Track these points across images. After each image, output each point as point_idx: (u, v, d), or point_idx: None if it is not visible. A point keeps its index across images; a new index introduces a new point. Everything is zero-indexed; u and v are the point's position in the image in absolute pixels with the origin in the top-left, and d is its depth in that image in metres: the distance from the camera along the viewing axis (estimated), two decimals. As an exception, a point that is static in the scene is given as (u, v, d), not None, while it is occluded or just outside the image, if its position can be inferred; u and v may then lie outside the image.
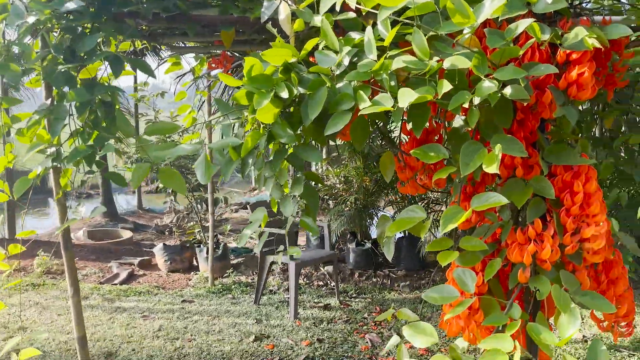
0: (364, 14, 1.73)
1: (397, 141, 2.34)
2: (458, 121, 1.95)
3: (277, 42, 1.77)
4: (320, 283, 5.41)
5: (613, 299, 1.91)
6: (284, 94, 1.67)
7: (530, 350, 1.90)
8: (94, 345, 3.81)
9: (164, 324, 4.21)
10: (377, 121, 2.12)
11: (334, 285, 5.16)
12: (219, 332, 4.04)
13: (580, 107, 3.22)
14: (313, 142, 1.93)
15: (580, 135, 3.26)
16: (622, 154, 3.40)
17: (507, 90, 1.55)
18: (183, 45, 3.40)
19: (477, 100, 1.53)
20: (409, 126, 1.76)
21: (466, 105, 1.59)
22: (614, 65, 1.98)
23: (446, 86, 1.50)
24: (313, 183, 2.05)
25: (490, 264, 1.79)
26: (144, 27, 2.53)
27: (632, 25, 1.94)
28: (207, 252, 5.60)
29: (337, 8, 1.76)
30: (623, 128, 3.37)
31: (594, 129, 3.38)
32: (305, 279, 5.51)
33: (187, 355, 3.63)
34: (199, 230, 6.18)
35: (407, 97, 1.52)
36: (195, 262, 6.16)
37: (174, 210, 6.62)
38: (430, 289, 1.78)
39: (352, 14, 1.78)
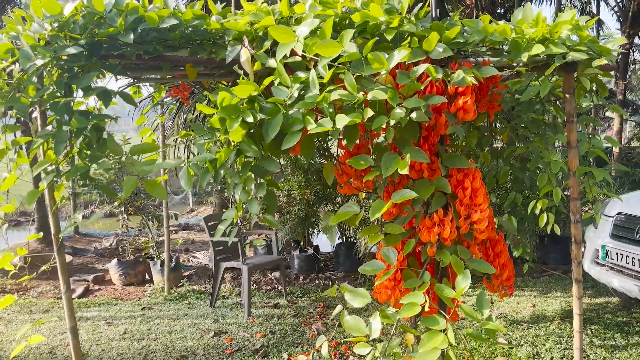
0: (307, 59, 2.31)
1: (336, 155, 2.91)
2: (380, 138, 2.55)
3: (241, 80, 2.31)
4: (269, 287, 5.91)
5: (498, 267, 2.54)
6: (249, 119, 2.21)
7: (441, 307, 2.49)
8: (65, 349, 4.14)
9: (129, 328, 4.58)
10: (319, 139, 2.69)
11: (281, 289, 5.67)
12: (180, 331, 4.46)
13: (483, 123, 3.93)
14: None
15: (482, 147, 3.98)
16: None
17: (413, 115, 2.16)
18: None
19: (392, 122, 2.13)
20: (344, 142, 2.33)
21: (384, 126, 2.19)
22: (493, 94, 2.65)
23: (369, 112, 2.09)
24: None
25: (408, 243, 2.38)
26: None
27: (506, 65, 2.61)
28: (161, 265, 5.98)
29: (288, 54, 2.33)
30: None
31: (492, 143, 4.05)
32: (254, 285, 5.99)
33: (154, 351, 4.04)
34: (152, 245, 6.53)
35: (342, 120, 2.09)
36: (148, 276, 6.49)
37: (126, 227, 6.95)
38: (364, 264, 2.36)
39: (298, 58, 2.35)
